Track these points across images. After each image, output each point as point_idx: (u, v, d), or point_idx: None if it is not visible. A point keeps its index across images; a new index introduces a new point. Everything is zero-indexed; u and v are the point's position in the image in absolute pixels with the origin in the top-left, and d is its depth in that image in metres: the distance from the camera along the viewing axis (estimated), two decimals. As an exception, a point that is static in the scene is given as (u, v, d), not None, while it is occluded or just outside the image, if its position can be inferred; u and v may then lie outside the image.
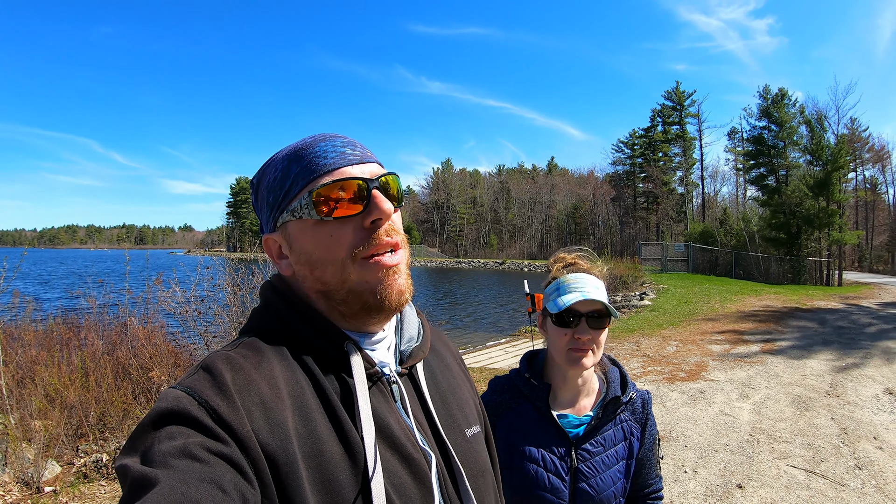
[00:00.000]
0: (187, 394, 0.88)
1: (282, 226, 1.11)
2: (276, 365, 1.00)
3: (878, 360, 11.09)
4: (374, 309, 1.09)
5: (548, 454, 1.86)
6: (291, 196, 1.08)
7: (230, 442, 0.85)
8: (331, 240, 1.06)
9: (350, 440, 0.98)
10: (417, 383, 1.21)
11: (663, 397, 8.42)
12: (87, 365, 6.66)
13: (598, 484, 1.85)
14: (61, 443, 5.66)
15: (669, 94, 76.55)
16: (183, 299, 8.27)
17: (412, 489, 1.02)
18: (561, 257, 2.02)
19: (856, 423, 7.21)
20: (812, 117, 39.86)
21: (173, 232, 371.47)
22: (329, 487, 0.92)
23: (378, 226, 1.07)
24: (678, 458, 6.14)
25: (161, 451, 0.81)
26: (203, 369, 0.94)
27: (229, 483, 0.80)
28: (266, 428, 0.89)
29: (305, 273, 1.10)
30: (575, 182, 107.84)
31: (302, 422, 0.95)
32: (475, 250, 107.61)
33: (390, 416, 1.07)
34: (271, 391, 0.94)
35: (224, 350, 1.02)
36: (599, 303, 1.81)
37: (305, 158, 1.09)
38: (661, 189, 74.95)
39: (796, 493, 5.30)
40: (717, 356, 11.44)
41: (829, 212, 35.11)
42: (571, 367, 1.85)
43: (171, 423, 0.85)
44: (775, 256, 38.70)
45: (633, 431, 1.97)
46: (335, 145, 1.11)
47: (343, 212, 1.05)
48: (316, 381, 1.02)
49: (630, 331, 14.80)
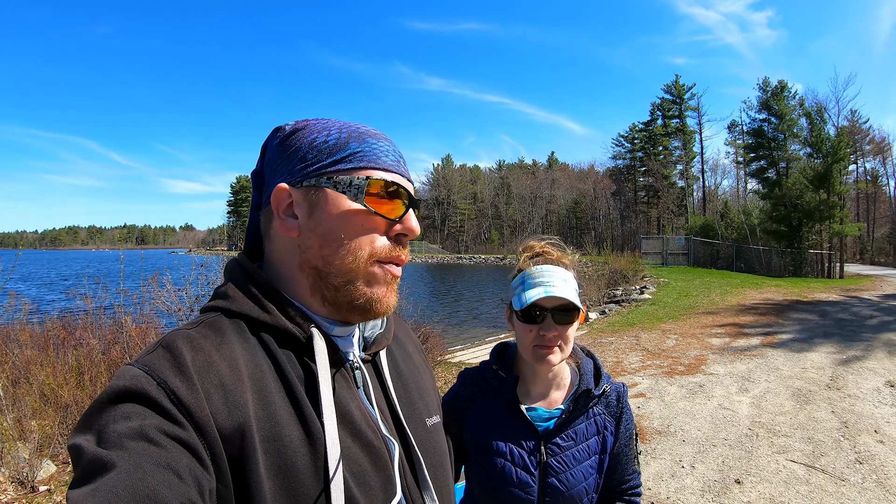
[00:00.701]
0: (146, 373, 0.87)
1: (309, 187, 1.07)
2: (237, 346, 0.98)
3: (879, 352, 11.04)
4: (357, 310, 1.08)
5: (516, 448, 1.81)
6: (342, 168, 1.07)
7: (187, 425, 0.83)
8: (361, 229, 1.06)
9: (310, 425, 0.96)
10: (380, 370, 1.20)
11: (662, 391, 8.39)
12: (81, 364, 6.64)
13: (568, 479, 1.80)
14: (56, 442, 5.67)
15: (669, 87, 76.54)
16: (176, 298, 8.25)
17: (372, 476, 1.02)
18: (529, 246, 1.91)
19: (856, 417, 7.16)
20: (812, 109, 39.80)
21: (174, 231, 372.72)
22: (286, 472, 0.91)
23: (402, 241, 1.12)
24: (676, 452, 6.10)
25: (117, 431, 0.79)
26: (163, 347, 0.92)
27: (185, 469, 0.79)
28: (225, 411, 0.88)
29: (313, 244, 1.07)
30: (575, 177, 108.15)
31: (261, 405, 0.94)
32: (476, 246, 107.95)
33: (352, 403, 1.06)
34: (231, 373, 0.93)
35: (185, 328, 1.00)
36: (566, 299, 1.73)
37: (368, 144, 1.10)
38: (662, 183, 74.94)
39: (795, 487, 5.26)
40: (716, 349, 11.39)
41: (830, 204, 35.10)
42: (538, 364, 1.79)
43: (128, 401, 0.83)
44: (776, 249, 38.67)
45: (607, 425, 1.91)
46: (393, 150, 1.13)
47: (384, 211, 1.07)
48: (278, 365, 1.01)
49: (630, 324, 14.77)
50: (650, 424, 6.92)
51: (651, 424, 6.93)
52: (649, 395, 8.22)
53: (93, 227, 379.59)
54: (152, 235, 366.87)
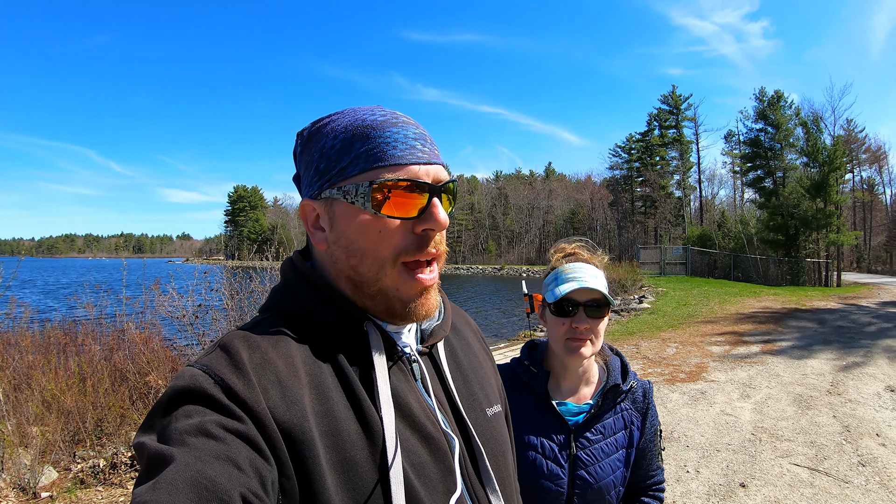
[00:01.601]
0: (204, 372, 0.89)
1: (327, 199, 1.05)
2: (293, 344, 0.99)
3: (879, 358, 11.09)
4: (397, 316, 1.07)
5: (547, 441, 1.85)
6: (348, 175, 1.02)
7: (246, 419, 0.84)
8: (378, 236, 1.02)
9: (368, 419, 0.97)
10: (438, 362, 1.19)
11: (664, 398, 8.39)
12: (84, 370, 6.64)
13: (597, 472, 1.84)
14: (58, 448, 5.64)
15: (666, 98, 76.92)
16: (180, 304, 8.25)
17: (432, 468, 1.01)
18: (561, 247, 2.00)
19: (858, 421, 7.19)
20: (808, 119, 40.06)
21: (171, 240, 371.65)
22: (347, 466, 0.92)
23: (429, 236, 1.05)
24: (680, 458, 6.11)
25: (177, 428, 0.81)
26: (220, 348, 0.94)
27: (245, 460, 0.80)
28: (283, 406, 0.89)
29: (340, 256, 1.06)
30: (572, 187, 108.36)
31: (319, 400, 0.94)
32: (473, 256, 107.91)
33: (410, 396, 1.06)
34: (288, 370, 0.94)
35: (242, 329, 1.01)
36: (598, 291, 1.79)
37: (372, 140, 1.03)
38: (659, 193, 75.18)
39: (800, 490, 5.27)
40: (717, 357, 11.41)
41: (827, 213, 35.26)
42: (570, 357, 1.84)
43: (188, 401, 0.85)
44: (774, 258, 38.76)
45: (634, 420, 1.96)
46: (406, 135, 1.05)
47: (399, 212, 1.01)
48: (334, 361, 1.01)
49: (629, 333, 14.77)
50: (653, 430, 6.91)
51: (654, 430, 6.92)
52: (651, 401, 8.20)
53: (90, 236, 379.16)
54: (149, 244, 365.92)
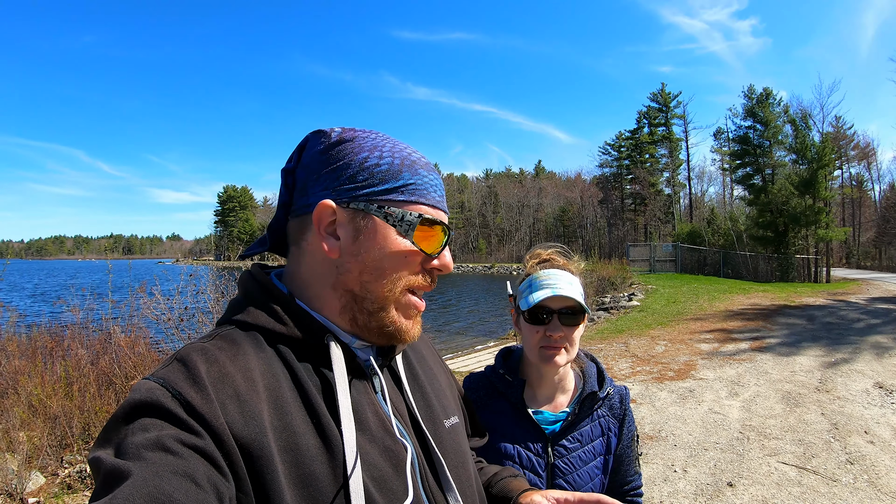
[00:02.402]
0: (161, 385, 0.87)
1: (357, 210, 1.05)
2: (252, 357, 0.98)
3: (867, 354, 11.15)
4: (385, 336, 1.10)
5: (524, 450, 1.84)
6: (394, 200, 1.06)
7: (204, 434, 0.83)
8: (403, 262, 1.07)
9: (328, 433, 0.96)
10: (396, 375, 1.21)
11: (652, 397, 8.42)
12: (70, 375, 6.60)
13: (575, 480, 1.84)
14: (45, 453, 5.60)
15: (655, 95, 77.17)
16: (166, 307, 8.21)
17: (392, 480, 1.01)
18: (536, 253, 1.99)
19: (846, 418, 7.22)
20: (797, 116, 40.28)
21: (161, 241, 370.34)
22: (307, 481, 0.91)
23: (435, 274, 1.14)
24: (668, 457, 6.12)
25: (134, 443, 0.80)
26: (177, 360, 0.93)
27: (203, 476, 0.79)
28: (241, 421, 0.88)
29: (353, 269, 1.06)
30: (562, 185, 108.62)
31: (278, 415, 0.93)
32: (464, 255, 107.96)
33: (369, 409, 1.06)
34: (246, 384, 0.93)
35: (199, 341, 1.00)
36: (572, 299, 1.78)
37: (421, 177, 1.10)
38: (649, 190, 75.47)
39: (788, 489, 5.28)
40: (705, 355, 11.46)
41: (816, 209, 35.40)
42: (545, 365, 1.83)
43: (145, 414, 0.84)
44: (763, 255, 38.95)
45: (611, 427, 1.95)
46: (439, 185, 1.14)
47: (426, 247, 1.08)
48: (294, 374, 1.01)
49: (619, 331, 14.80)
50: (641, 430, 6.92)
51: (642, 430, 6.94)
52: (640, 400, 8.23)
53: (79, 237, 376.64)
54: (139, 245, 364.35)
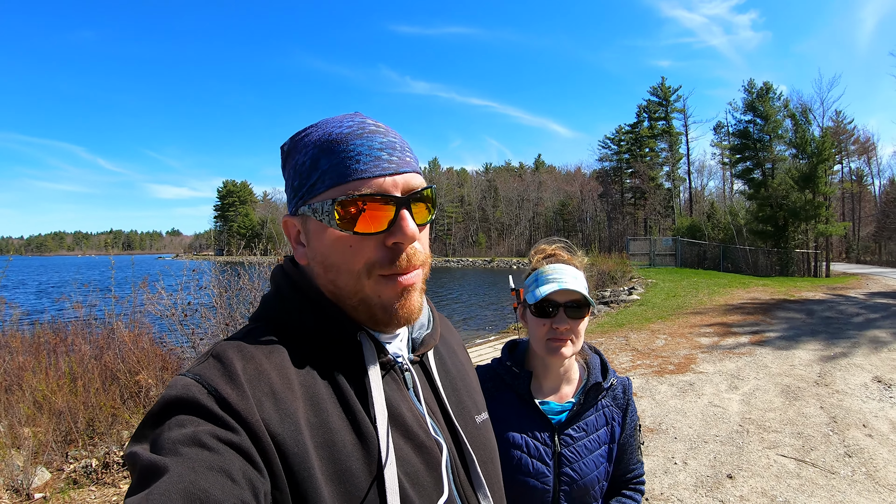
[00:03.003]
0: (196, 381, 0.88)
1: (303, 216, 1.06)
2: (286, 354, 0.99)
3: (865, 348, 11.19)
4: (381, 322, 1.07)
5: (531, 440, 1.88)
6: (316, 192, 1.02)
7: (239, 430, 0.84)
8: (350, 251, 1.02)
9: (363, 430, 0.97)
10: (428, 371, 1.21)
11: (653, 390, 8.46)
12: (74, 370, 6.62)
13: (581, 468, 1.88)
14: (50, 449, 5.64)
15: (655, 89, 76.84)
16: (169, 302, 8.22)
17: (425, 477, 1.02)
18: (541, 248, 2.05)
19: (845, 412, 7.26)
20: (797, 110, 40.15)
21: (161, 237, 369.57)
22: (342, 478, 0.92)
23: (400, 248, 1.03)
24: (668, 449, 6.16)
25: (170, 438, 0.81)
26: (213, 357, 0.94)
27: (238, 471, 0.80)
28: (276, 418, 0.89)
29: (319, 271, 1.07)
30: (562, 179, 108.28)
31: (313, 412, 0.94)
32: (464, 249, 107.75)
33: (403, 405, 1.06)
34: (282, 381, 0.94)
35: (235, 338, 1.01)
36: (577, 293, 1.83)
37: (337, 155, 1.02)
38: (648, 184, 75.25)
39: (787, 481, 5.33)
40: (705, 348, 11.50)
41: (816, 204, 35.36)
42: (551, 357, 1.88)
43: (181, 410, 0.85)
44: (763, 249, 38.91)
45: (615, 416, 2.00)
46: (371, 146, 1.03)
47: (366, 228, 1.00)
48: (328, 371, 1.01)
49: (619, 325, 14.81)
50: (642, 423, 6.95)
51: (643, 422, 6.97)
52: (640, 393, 8.27)
53: (79, 233, 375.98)
54: (139, 241, 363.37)
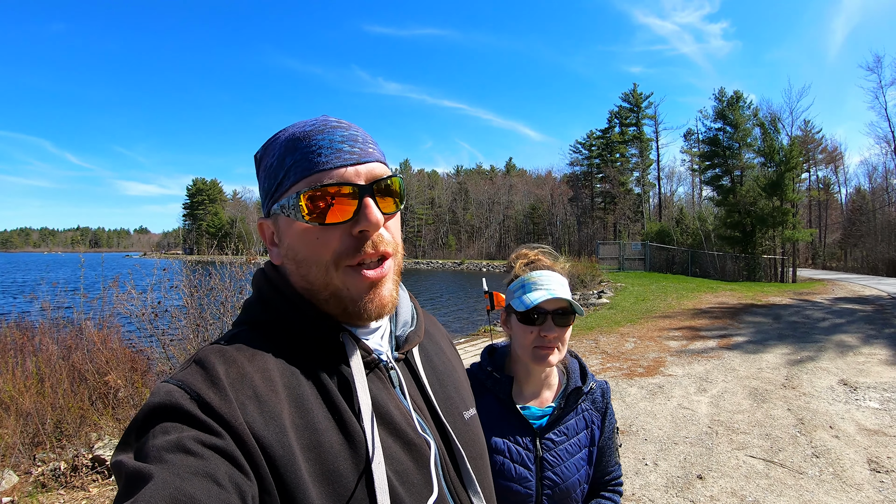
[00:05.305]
0: (179, 387, 0.88)
1: (274, 215, 1.08)
2: (270, 357, 0.99)
3: (831, 352, 11.39)
4: (353, 316, 1.07)
5: (513, 445, 1.90)
6: (283, 189, 1.05)
7: (224, 434, 0.84)
8: (317, 243, 1.03)
9: (350, 429, 0.97)
10: (414, 368, 1.20)
11: (622, 392, 8.53)
12: (42, 371, 6.51)
13: (563, 472, 1.90)
14: (17, 451, 5.53)
15: (627, 95, 77.78)
16: (139, 302, 8.12)
17: (415, 474, 1.02)
18: (523, 254, 2.05)
19: (812, 414, 7.40)
20: (766, 119, 40.64)
21: (129, 234, 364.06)
22: (330, 478, 0.92)
23: (366, 236, 1.03)
24: (639, 451, 6.23)
25: (155, 445, 0.81)
26: (195, 363, 0.94)
27: (224, 476, 0.80)
28: (261, 421, 0.89)
29: (291, 268, 1.08)
30: (533, 182, 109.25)
31: (298, 413, 0.94)
32: (433, 251, 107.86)
33: (390, 403, 1.06)
34: (265, 384, 0.94)
35: (217, 343, 1.02)
36: (565, 301, 1.85)
37: (300, 151, 1.04)
38: (619, 189, 76.05)
39: (756, 481, 5.41)
40: (674, 352, 11.63)
41: (783, 211, 35.95)
42: (537, 364, 1.89)
43: (164, 417, 0.85)
44: (731, 254, 39.56)
45: (594, 420, 2.03)
46: (333, 139, 1.05)
47: (331, 218, 1.01)
48: (312, 372, 1.01)
49: (588, 328, 14.90)
50: (613, 425, 7.00)
51: (614, 425, 7.01)
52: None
53: (45, 230, 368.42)
54: (106, 238, 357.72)
